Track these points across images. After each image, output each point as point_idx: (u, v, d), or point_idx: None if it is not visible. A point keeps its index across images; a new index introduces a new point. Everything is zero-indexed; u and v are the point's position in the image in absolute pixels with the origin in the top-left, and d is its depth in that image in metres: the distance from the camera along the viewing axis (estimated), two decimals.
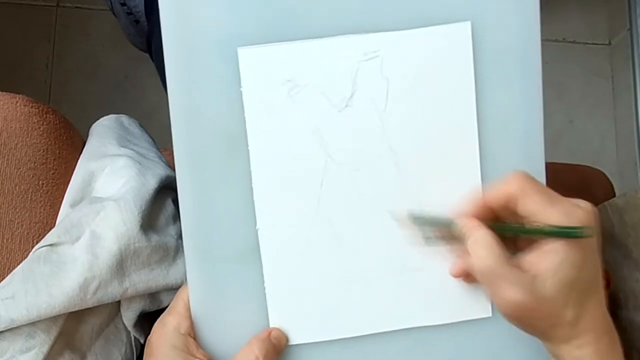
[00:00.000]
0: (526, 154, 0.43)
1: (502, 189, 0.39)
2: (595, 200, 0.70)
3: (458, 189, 0.43)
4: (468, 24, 0.42)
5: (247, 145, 0.42)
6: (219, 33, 0.42)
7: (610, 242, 0.66)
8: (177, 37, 0.42)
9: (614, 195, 0.71)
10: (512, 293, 0.37)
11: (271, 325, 0.43)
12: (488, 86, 0.42)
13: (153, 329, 0.43)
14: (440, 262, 0.43)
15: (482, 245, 0.38)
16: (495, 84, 0.43)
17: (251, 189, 0.42)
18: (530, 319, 0.38)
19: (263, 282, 0.43)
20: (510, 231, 0.39)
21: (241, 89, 0.42)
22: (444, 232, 0.41)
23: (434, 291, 0.43)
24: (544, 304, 0.37)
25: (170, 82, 0.42)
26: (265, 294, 0.43)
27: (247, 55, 0.42)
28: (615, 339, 0.40)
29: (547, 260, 0.37)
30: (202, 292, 0.43)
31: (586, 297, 0.38)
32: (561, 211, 0.37)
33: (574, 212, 0.37)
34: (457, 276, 0.42)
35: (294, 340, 0.43)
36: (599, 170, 0.74)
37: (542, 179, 0.43)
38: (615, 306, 0.65)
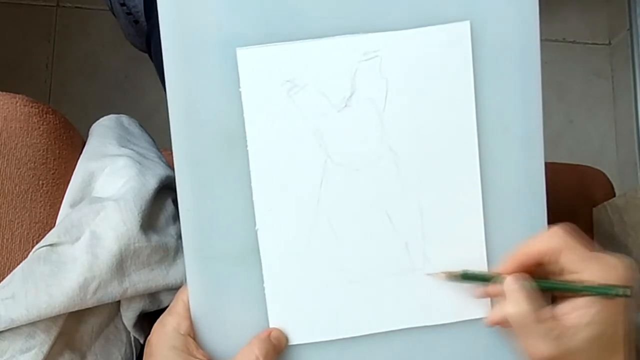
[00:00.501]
0: (526, 153, 0.43)
1: (542, 243, 0.39)
2: (595, 200, 0.71)
3: (458, 188, 0.43)
4: (467, 24, 0.42)
5: (247, 146, 0.42)
6: (218, 34, 0.42)
7: (610, 242, 0.66)
8: (176, 38, 0.42)
9: (614, 195, 0.71)
10: (543, 347, 0.37)
11: (271, 326, 0.43)
12: (487, 85, 0.42)
13: (153, 329, 0.43)
14: (440, 262, 0.43)
15: (520, 297, 0.39)
16: (494, 83, 0.43)
17: (250, 189, 0.42)
18: None
19: (263, 282, 0.43)
20: (551, 288, 0.40)
21: (240, 90, 0.42)
22: (488, 287, 0.42)
23: (434, 291, 0.43)
24: (570, 357, 0.37)
25: (170, 83, 0.42)
26: (264, 294, 0.43)
27: (246, 56, 0.42)
28: None
29: (581, 314, 0.38)
30: (202, 292, 0.43)
31: (614, 352, 0.38)
32: (602, 268, 0.38)
33: (613, 268, 0.38)
34: (492, 325, 0.42)
35: (294, 340, 0.43)
36: (599, 170, 0.74)
37: (542, 178, 0.43)
38: None
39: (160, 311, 0.55)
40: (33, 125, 0.57)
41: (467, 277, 0.42)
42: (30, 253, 0.50)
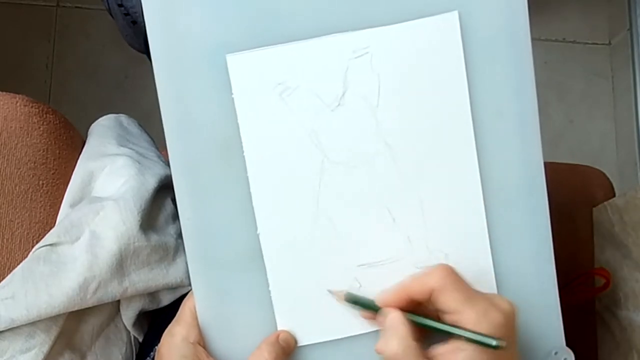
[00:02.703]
0: (522, 142, 0.43)
1: (424, 282, 0.39)
2: (595, 200, 0.71)
3: (457, 179, 0.43)
4: (455, 14, 0.42)
5: (243, 151, 0.42)
6: (206, 41, 0.42)
7: (610, 242, 0.66)
8: (164, 48, 0.42)
9: (614, 195, 0.71)
10: None
11: (279, 328, 0.43)
12: (480, 73, 0.42)
13: (162, 339, 0.43)
14: (444, 255, 0.43)
15: (394, 334, 0.38)
16: (486, 71, 0.42)
17: (249, 194, 0.42)
18: None
19: (268, 285, 0.43)
20: (426, 326, 0.39)
21: (232, 95, 0.42)
22: (372, 314, 0.42)
23: None
24: None
25: (161, 93, 0.42)
26: (270, 297, 0.43)
27: (236, 61, 0.42)
28: None
29: (454, 356, 0.37)
30: (208, 299, 0.43)
31: None
32: (477, 313, 0.37)
33: (489, 315, 0.37)
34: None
35: (303, 341, 0.43)
36: (599, 170, 0.74)
37: (540, 163, 0.43)
38: (615, 306, 0.65)
39: (160, 310, 0.55)
40: (33, 125, 0.57)
41: (350, 299, 0.42)
42: (30, 253, 0.50)
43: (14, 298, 0.47)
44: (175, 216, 0.56)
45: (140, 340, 0.56)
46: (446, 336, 0.39)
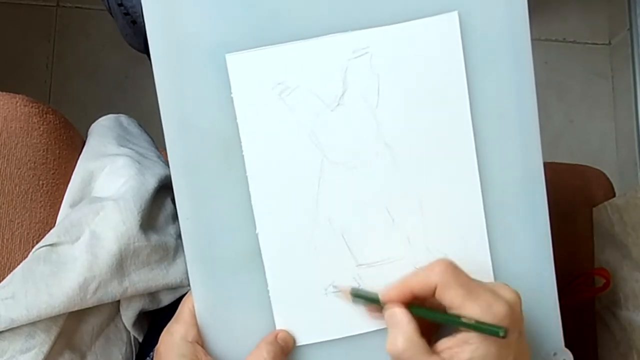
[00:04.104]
0: (522, 142, 0.43)
1: (425, 279, 0.39)
2: (595, 200, 0.71)
3: (456, 180, 0.43)
4: (455, 14, 0.42)
5: (242, 151, 0.42)
6: (206, 41, 0.42)
7: (610, 242, 0.66)
8: (164, 48, 0.42)
9: (614, 195, 0.71)
10: None
11: (277, 328, 0.43)
12: (479, 74, 0.42)
13: (160, 338, 0.43)
14: (443, 255, 0.43)
15: (400, 330, 0.38)
16: (486, 71, 0.42)
17: (249, 193, 0.42)
18: None
19: (267, 285, 0.43)
20: (431, 318, 0.39)
21: (232, 95, 0.42)
22: (379, 309, 0.42)
23: None
24: None
25: (161, 93, 0.42)
26: (269, 297, 0.43)
27: (236, 61, 0.42)
28: None
29: (461, 349, 0.37)
30: (207, 299, 0.43)
31: None
32: (481, 305, 0.37)
33: (493, 306, 0.37)
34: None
35: (301, 341, 0.43)
36: (599, 170, 0.74)
37: (540, 166, 0.43)
38: (615, 306, 0.65)
39: (160, 310, 0.55)
40: (33, 125, 0.57)
41: (355, 293, 0.42)
42: (30, 253, 0.50)
43: (14, 298, 0.47)
44: (175, 216, 0.56)
45: (140, 340, 0.56)
46: (453, 329, 0.38)
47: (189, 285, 0.44)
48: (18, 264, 0.50)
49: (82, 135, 0.64)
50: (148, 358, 0.53)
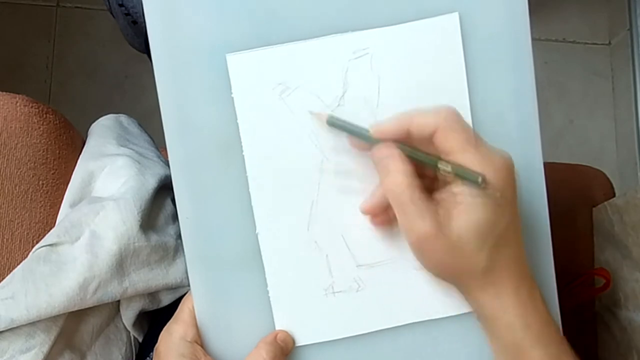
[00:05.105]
0: (522, 143, 0.43)
1: (428, 118, 0.37)
2: (595, 200, 0.71)
3: None
4: (456, 15, 0.42)
5: (242, 151, 0.42)
6: (206, 41, 0.42)
7: (611, 242, 0.66)
8: (164, 48, 0.42)
9: (614, 195, 0.71)
10: (421, 223, 0.36)
11: (277, 328, 0.43)
12: (480, 76, 0.43)
13: (160, 338, 0.43)
14: None
15: (398, 168, 0.37)
16: (486, 74, 0.43)
17: (248, 194, 0.42)
18: (435, 253, 0.38)
19: (266, 285, 0.43)
20: (422, 160, 0.38)
21: (232, 95, 0.42)
22: (359, 142, 0.40)
23: (437, 285, 0.43)
24: (450, 241, 0.37)
25: (161, 92, 0.42)
26: (269, 297, 0.43)
27: (236, 61, 0.42)
28: (537, 294, 0.39)
29: (457, 201, 0.37)
30: (207, 299, 0.43)
31: (501, 246, 0.38)
32: (482, 154, 0.37)
33: (493, 157, 0.37)
34: (366, 213, 0.41)
35: (301, 341, 0.43)
36: (599, 170, 0.74)
37: (540, 168, 0.43)
38: (615, 306, 0.65)
39: (160, 310, 0.55)
40: (33, 125, 0.57)
41: (332, 122, 0.40)
42: (30, 253, 0.50)
43: (14, 298, 0.47)
44: (175, 216, 0.56)
45: (140, 340, 0.56)
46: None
47: (188, 285, 0.44)
48: (18, 264, 0.50)
49: (82, 135, 0.64)
50: (148, 358, 0.53)
